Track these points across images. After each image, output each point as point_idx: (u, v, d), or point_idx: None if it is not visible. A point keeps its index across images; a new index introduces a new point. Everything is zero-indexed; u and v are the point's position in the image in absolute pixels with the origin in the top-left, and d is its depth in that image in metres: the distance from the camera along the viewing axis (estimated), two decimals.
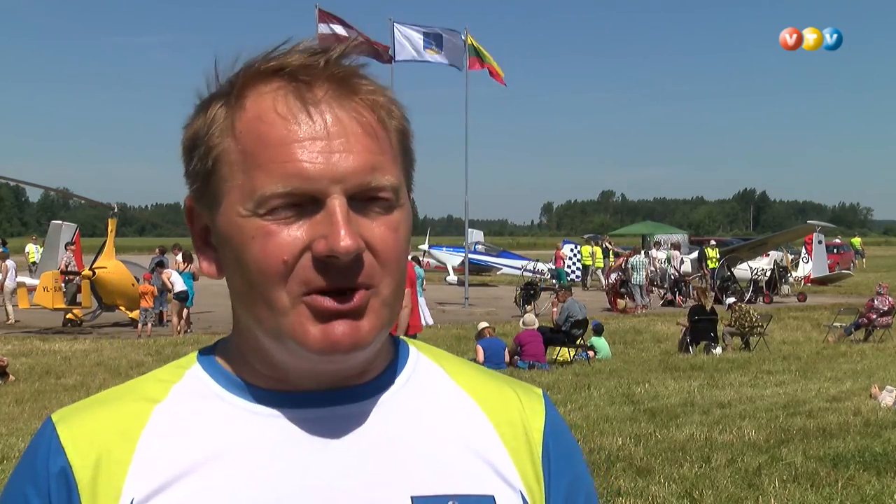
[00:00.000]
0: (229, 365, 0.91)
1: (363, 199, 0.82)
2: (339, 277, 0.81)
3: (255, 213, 0.81)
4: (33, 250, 29.60)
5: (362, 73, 0.86)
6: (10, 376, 12.07)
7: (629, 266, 23.28)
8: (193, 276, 18.50)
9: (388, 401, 0.90)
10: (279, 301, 0.82)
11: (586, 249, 31.40)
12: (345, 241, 0.79)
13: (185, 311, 18.15)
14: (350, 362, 0.86)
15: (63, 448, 0.86)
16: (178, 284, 17.92)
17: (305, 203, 0.81)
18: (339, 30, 20.46)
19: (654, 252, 26.38)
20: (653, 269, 25.34)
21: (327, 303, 0.81)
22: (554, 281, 26.11)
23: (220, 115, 0.85)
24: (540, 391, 1.01)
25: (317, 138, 0.81)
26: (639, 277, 23.06)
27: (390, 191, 0.83)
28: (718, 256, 26.35)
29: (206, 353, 0.95)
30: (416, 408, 0.91)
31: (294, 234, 0.81)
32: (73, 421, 0.88)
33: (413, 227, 0.91)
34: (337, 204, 0.80)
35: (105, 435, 0.86)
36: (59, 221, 23.13)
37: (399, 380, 0.93)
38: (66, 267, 18.92)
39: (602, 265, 30.13)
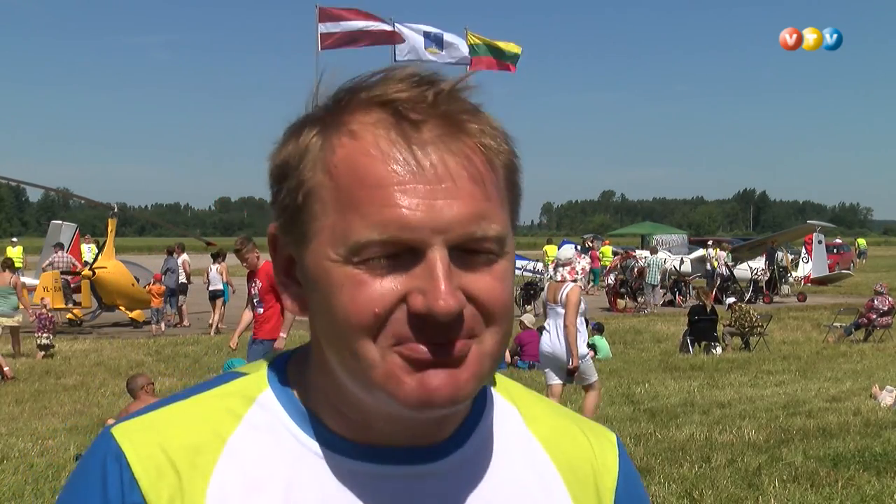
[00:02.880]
0: (306, 400, 0.86)
1: (465, 251, 0.76)
2: (436, 335, 0.75)
3: (348, 261, 0.75)
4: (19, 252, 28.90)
5: (472, 108, 0.79)
6: (8, 371, 12.08)
7: (633, 266, 23.30)
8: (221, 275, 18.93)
9: (464, 459, 0.87)
10: (368, 353, 0.76)
11: (551, 249, 31.34)
12: (445, 300, 0.73)
13: (221, 308, 18.50)
14: (445, 412, 0.79)
15: (137, 482, 0.80)
16: (213, 283, 18.38)
17: (403, 253, 0.75)
18: (343, 27, 20.41)
19: (710, 251, 26.24)
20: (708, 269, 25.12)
21: (423, 352, 0.75)
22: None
23: (314, 145, 0.78)
24: (614, 437, 0.97)
25: (420, 182, 0.74)
26: (653, 277, 23.08)
27: (495, 242, 0.77)
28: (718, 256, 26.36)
29: (280, 379, 0.88)
30: (489, 467, 0.88)
31: (388, 285, 0.75)
32: (143, 446, 0.82)
33: None
34: (438, 257, 0.74)
35: (177, 469, 0.80)
36: (59, 221, 23.14)
37: (477, 433, 0.88)
38: (51, 266, 18.91)
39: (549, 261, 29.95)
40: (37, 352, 14.10)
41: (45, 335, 14.04)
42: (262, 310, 8.93)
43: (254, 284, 8.98)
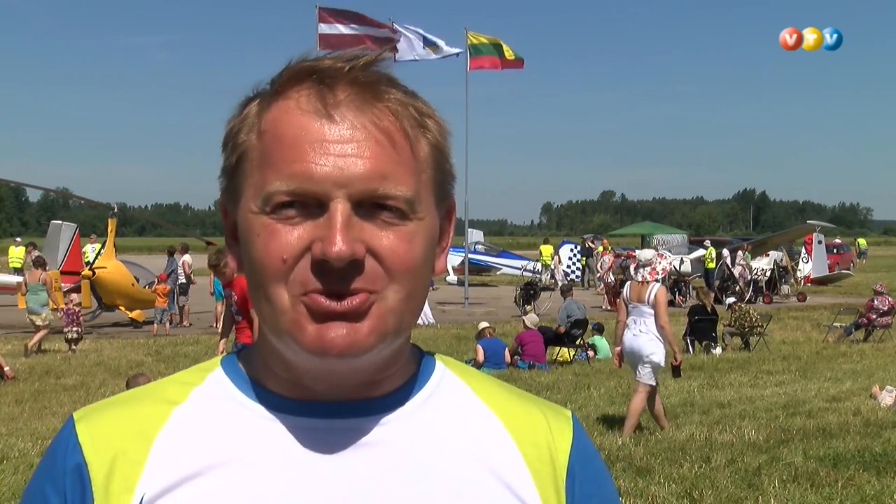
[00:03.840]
0: (251, 369, 0.92)
1: (371, 206, 0.81)
2: (335, 281, 0.80)
3: (263, 211, 0.82)
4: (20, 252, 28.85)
5: (392, 81, 0.85)
6: (8, 370, 12.09)
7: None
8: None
9: (405, 415, 0.89)
10: (280, 299, 0.82)
11: (546, 249, 31.32)
12: (338, 245, 0.78)
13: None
14: (352, 366, 0.85)
15: (80, 445, 0.87)
16: None
17: (311, 205, 0.81)
18: (343, 28, 20.43)
19: (703, 251, 26.09)
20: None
21: (323, 302, 0.81)
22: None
23: (252, 112, 0.86)
24: (569, 413, 0.99)
25: (328, 141, 0.81)
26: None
27: (402, 201, 0.82)
28: (714, 257, 26.37)
29: (230, 357, 0.95)
30: (434, 424, 0.90)
31: (296, 234, 0.81)
32: (93, 419, 0.89)
33: None
34: (339, 209, 0.80)
35: (122, 435, 0.87)
36: (59, 221, 23.10)
37: (420, 394, 0.92)
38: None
39: (548, 262, 29.89)
40: (65, 345, 14.81)
41: (74, 328, 14.74)
42: (240, 318, 9.50)
43: (231, 294, 9.51)
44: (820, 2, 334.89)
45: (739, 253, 25.66)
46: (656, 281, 8.39)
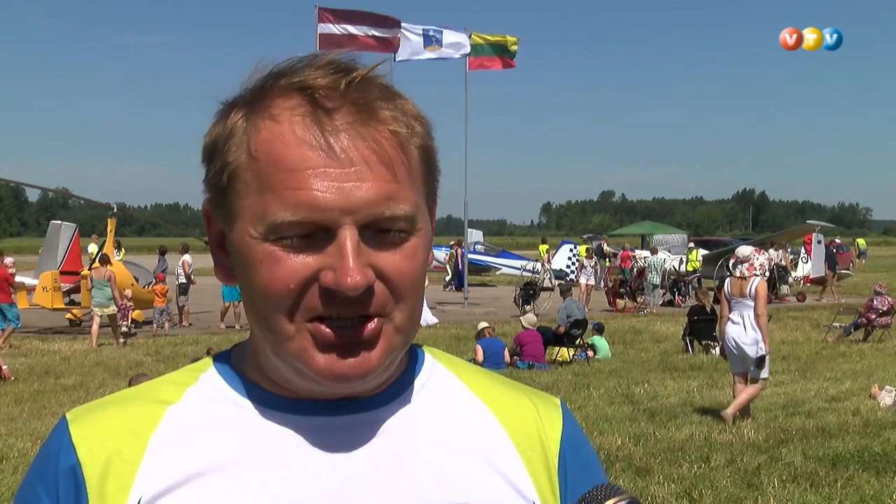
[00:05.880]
0: (244, 370, 0.91)
1: (376, 230, 0.81)
2: (346, 309, 0.80)
3: (266, 238, 0.81)
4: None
5: (385, 92, 0.84)
6: (7, 370, 12.09)
7: (636, 266, 23.29)
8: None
9: (400, 410, 0.90)
10: (283, 327, 0.82)
11: (544, 248, 31.31)
12: (352, 276, 0.78)
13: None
14: (358, 388, 0.86)
15: (74, 446, 0.86)
16: None
17: (317, 232, 0.80)
18: (344, 28, 20.40)
19: (770, 252, 26.18)
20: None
21: (330, 334, 0.81)
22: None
23: (239, 127, 0.83)
24: (558, 401, 1.00)
25: (330, 166, 0.79)
26: (655, 277, 23.12)
27: (404, 221, 0.82)
28: (701, 259, 26.40)
29: (222, 357, 0.95)
30: (428, 417, 0.91)
31: (302, 261, 0.80)
32: (86, 420, 0.88)
33: None
34: (348, 236, 0.79)
35: (116, 435, 0.86)
36: (59, 221, 23.08)
37: (411, 389, 0.92)
38: None
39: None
40: (120, 337, 15.74)
41: (125, 323, 16.04)
42: None
43: None
44: (820, 2, 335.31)
45: (780, 251, 25.87)
46: (755, 275, 8.88)
